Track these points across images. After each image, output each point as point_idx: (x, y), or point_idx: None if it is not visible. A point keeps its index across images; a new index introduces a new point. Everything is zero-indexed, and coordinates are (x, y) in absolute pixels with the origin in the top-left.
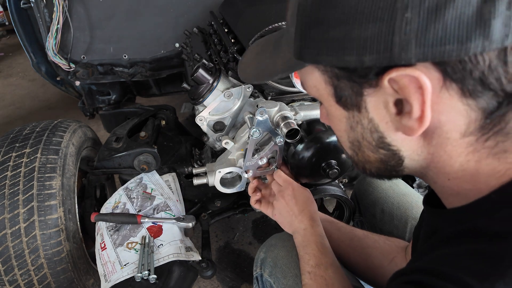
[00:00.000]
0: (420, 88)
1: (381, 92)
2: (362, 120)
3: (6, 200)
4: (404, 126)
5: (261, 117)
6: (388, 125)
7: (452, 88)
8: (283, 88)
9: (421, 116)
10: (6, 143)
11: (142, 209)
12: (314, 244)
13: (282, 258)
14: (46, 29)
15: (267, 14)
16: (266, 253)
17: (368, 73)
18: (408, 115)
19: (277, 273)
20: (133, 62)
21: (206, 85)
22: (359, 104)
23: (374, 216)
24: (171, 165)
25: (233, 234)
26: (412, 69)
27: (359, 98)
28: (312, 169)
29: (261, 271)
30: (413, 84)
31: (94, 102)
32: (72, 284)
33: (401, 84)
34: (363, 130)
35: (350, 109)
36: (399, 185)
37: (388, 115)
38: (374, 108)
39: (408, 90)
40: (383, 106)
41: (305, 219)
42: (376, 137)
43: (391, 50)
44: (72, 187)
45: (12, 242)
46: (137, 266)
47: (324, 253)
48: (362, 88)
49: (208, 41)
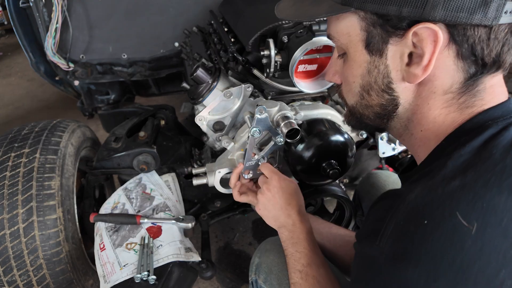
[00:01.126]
0: (435, 41)
1: (402, 43)
2: (380, 66)
3: (5, 201)
4: (410, 74)
5: (261, 115)
6: (397, 73)
7: (451, 49)
8: (283, 88)
9: (427, 64)
10: (4, 143)
11: (142, 209)
12: (305, 242)
13: (277, 265)
14: (45, 28)
15: (267, 13)
16: (261, 258)
17: (400, 24)
18: (417, 64)
19: (272, 279)
20: (132, 62)
21: (205, 84)
22: (382, 50)
23: None
24: (170, 165)
25: (233, 234)
26: (434, 24)
27: (384, 46)
28: (313, 169)
29: (256, 277)
30: (431, 37)
31: (93, 102)
32: (71, 284)
33: (422, 36)
34: (378, 74)
35: (373, 55)
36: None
37: (401, 64)
38: (392, 56)
39: (426, 41)
40: (399, 55)
41: (292, 213)
42: (386, 82)
43: (424, 7)
44: (71, 187)
45: (11, 243)
46: (136, 267)
47: (315, 252)
48: (389, 36)
49: (207, 40)
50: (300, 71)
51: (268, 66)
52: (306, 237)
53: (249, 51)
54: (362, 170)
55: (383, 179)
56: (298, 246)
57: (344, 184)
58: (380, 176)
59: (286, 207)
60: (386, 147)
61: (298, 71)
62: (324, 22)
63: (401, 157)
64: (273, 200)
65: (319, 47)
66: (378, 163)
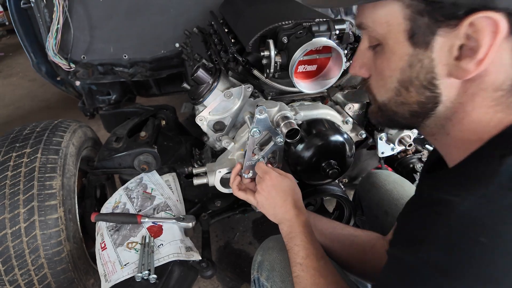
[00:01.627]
0: (494, 32)
1: (453, 35)
2: (424, 59)
3: (6, 200)
4: (460, 69)
5: (261, 116)
6: (443, 68)
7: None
8: (283, 88)
9: (482, 59)
10: (6, 143)
11: (142, 209)
12: (302, 235)
13: (280, 262)
14: (46, 29)
15: (267, 14)
16: (263, 256)
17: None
18: (469, 58)
19: (274, 277)
20: (133, 62)
21: (206, 85)
22: (428, 42)
23: (377, 217)
24: (171, 165)
25: (233, 234)
26: (496, 13)
27: (431, 37)
28: (312, 169)
29: (258, 275)
30: (490, 27)
31: (94, 102)
32: (72, 284)
33: (479, 27)
34: (421, 68)
35: (417, 47)
36: (404, 186)
37: (449, 57)
38: (440, 49)
39: (483, 33)
40: (448, 48)
41: (289, 209)
42: (429, 77)
43: None
44: (72, 187)
45: (12, 242)
46: (137, 266)
47: (313, 244)
48: (438, 27)
49: (208, 41)
50: (300, 71)
51: (268, 67)
52: (303, 230)
53: (249, 51)
54: (362, 170)
55: (384, 178)
56: (296, 240)
57: (344, 183)
58: (381, 175)
59: (282, 204)
60: (385, 147)
61: (297, 72)
62: (324, 22)
63: (400, 157)
64: (269, 199)
65: (318, 47)
66: (377, 163)
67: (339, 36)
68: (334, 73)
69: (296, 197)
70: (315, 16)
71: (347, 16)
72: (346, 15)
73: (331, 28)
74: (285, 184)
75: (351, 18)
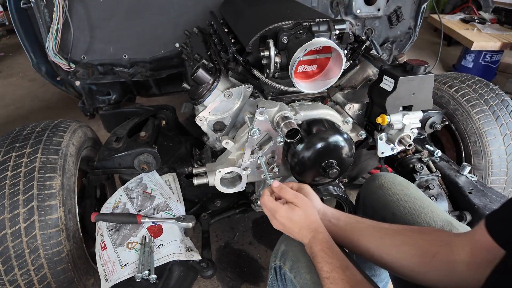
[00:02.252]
0: None
1: None
2: None
3: (6, 200)
4: None
5: (261, 117)
6: None
7: None
8: (283, 88)
9: None
10: (6, 143)
11: (142, 209)
12: (322, 252)
13: (305, 255)
14: (46, 29)
15: (267, 14)
16: (288, 246)
17: None
18: None
19: (300, 268)
20: (133, 62)
21: (206, 85)
22: None
23: (384, 219)
24: (171, 165)
25: (233, 234)
26: None
27: None
28: (312, 169)
29: (280, 263)
30: None
31: (94, 102)
32: (72, 284)
33: None
34: None
35: None
36: (410, 188)
37: None
38: None
39: None
40: None
41: (305, 235)
42: None
43: None
44: (72, 187)
45: (12, 242)
46: (137, 266)
47: (335, 257)
48: None
49: (208, 41)
50: (300, 71)
51: (268, 67)
52: (321, 248)
53: (249, 51)
54: (362, 170)
55: (390, 181)
56: (317, 258)
57: (344, 183)
58: (386, 177)
59: (298, 232)
60: (385, 147)
61: (298, 72)
62: (324, 22)
63: (400, 157)
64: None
65: (318, 47)
66: (377, 163)
67: (339, 36)
68: (334, 73)
69: (309, 221)
70: (315, 16)
71: (347, 16)
72: (346, 15)
73: (331, 28)
74: (296, 217)
75: (351, 18)
